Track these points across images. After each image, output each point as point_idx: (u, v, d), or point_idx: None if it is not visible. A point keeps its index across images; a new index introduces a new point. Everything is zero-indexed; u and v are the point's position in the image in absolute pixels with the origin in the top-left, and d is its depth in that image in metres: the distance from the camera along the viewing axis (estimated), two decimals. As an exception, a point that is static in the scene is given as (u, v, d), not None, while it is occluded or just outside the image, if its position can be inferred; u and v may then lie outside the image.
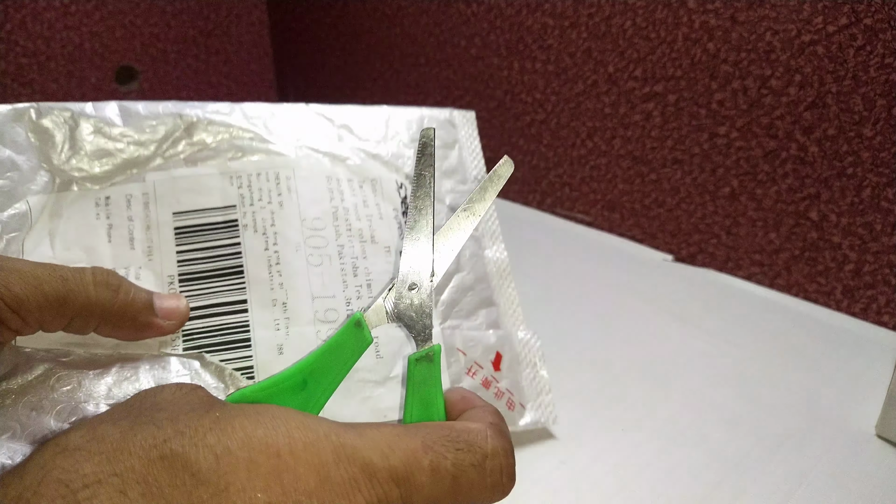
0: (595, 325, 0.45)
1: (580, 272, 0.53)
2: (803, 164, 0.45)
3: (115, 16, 0.75)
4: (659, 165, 0.53)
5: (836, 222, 0.45)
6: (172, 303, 0.25)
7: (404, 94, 0.74)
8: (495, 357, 0.32)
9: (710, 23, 0.47)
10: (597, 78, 0.55)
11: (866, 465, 0.33)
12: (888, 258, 0.43)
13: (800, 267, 0.47)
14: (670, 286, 0.51)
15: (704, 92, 0.49)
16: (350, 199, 0.31)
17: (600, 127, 0.57)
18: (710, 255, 0.52)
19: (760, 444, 0.34)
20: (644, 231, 0.56)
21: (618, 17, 0.52)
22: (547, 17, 0.57)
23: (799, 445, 0.34)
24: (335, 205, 0.30)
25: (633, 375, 0.40)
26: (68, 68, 0.73)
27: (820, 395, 0.38)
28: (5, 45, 0.68)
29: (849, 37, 0.41)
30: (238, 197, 0.29)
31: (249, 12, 0.86)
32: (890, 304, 0.44)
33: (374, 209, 0.31)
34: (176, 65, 0.82)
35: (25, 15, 0.69)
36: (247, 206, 0.29)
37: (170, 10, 0.79)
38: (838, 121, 0.43)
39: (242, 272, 0.27)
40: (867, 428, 0.35)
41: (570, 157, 0.60)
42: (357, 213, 0.30)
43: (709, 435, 0.35)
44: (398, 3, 0.70)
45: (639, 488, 0.31)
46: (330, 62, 0.82)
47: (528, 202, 0.65)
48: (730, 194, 0.50)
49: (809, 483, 0.31)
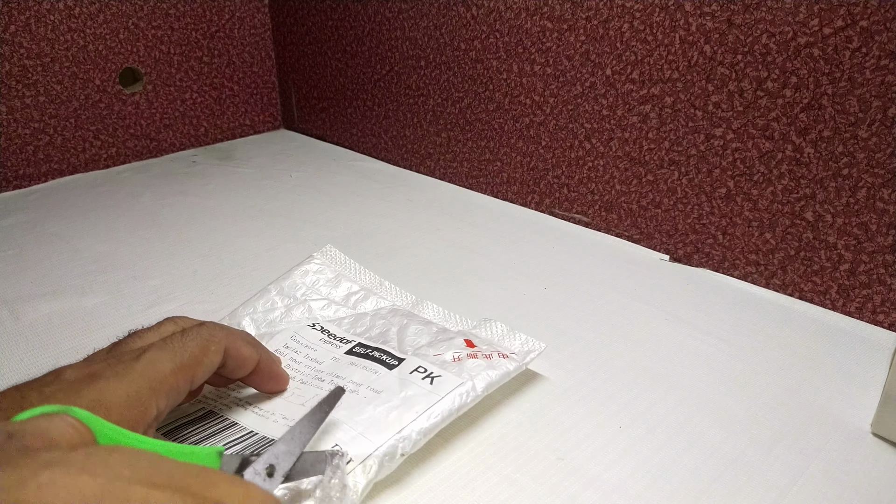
0: (592, 324, 0.46)
1: (578, 272, 0.53)
2: (799, 165, 0.46)
3: (119, 18, 0.76)
4: (656, 167, 0.54)
5: (832, 222, 0.45)
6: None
7: (404, 96, 0.74)
8: (466, 343, 0.37)
9: (706, 26, 0.48)
10: (594, 80, 0.56)
11: (861, 462, 0.33)
12: (883, 258, 0.43)
13: (795, 267, 0.48)
14: (667, 286, 0.51)
15: (701, 94, 0.49)
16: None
17: (598, 129, 0.57)
18: (707, 255, 0.53)
19: (756, 443, 0.34)
20: (641, 231, 0.57)
21: (615, 20, 0.53)
22: (546, 21, 0.58)
23: (794, 443, 0.34)
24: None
25: (630, 374, 0.40)
26: (72, 70, 0.73)
27: (815, 394, 0.38)
28: (9, 46, 0.69)
29: (844, 39, 0.41)
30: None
31: (252, 15, 0.87)
32: (885, 304, 0.44)
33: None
34: (179, 67, 0.82)
35: (30, 17, 0.69)
36: None
37: (173, 12, 0.80)
38: (834, 122, 0.43)
39: None
40: (862, 426, 0.35)
41: (567, 158, 0.60)
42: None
43: (705, 433, 0.35)
44: (399, 7, 0.71)
45: (635, 485, 0.31)
46: (332, 65, 0.83)
47: (527, 203, 0.65)
48: (726, 195, 0.50)
49: (805, 481, 0.32)
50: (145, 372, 0.25)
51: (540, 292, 0.50)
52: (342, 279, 0.45)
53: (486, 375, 0.34)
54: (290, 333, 0.39)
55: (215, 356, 0.29)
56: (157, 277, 0.52)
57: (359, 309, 0.43)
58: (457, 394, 0.33)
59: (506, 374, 0.35)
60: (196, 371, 0.27)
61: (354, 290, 0.44)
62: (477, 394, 0.33)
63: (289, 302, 0.43)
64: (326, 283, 0.45)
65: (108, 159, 0.79)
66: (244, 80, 0.89)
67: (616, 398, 0.38)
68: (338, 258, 0.47)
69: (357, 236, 0.60)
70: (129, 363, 0.25)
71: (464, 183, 0.71)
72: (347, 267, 0.46)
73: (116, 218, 0.64)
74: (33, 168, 0.73)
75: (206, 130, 0.87)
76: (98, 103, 0.77)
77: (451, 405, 0.32)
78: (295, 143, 0.89)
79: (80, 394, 0.23)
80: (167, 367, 0.26)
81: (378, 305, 0.43)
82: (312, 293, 0.44)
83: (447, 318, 0.42)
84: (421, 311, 0.43)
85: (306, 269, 0.45)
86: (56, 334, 0.44)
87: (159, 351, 0.26)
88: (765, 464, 0.33)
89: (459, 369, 0.34)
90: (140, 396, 0.25)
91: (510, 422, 0.36)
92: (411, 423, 0.31)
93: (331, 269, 0.46)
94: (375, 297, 0.44)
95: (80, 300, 0.48)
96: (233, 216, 0.65)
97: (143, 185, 0.74)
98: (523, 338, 0.39)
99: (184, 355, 0.27)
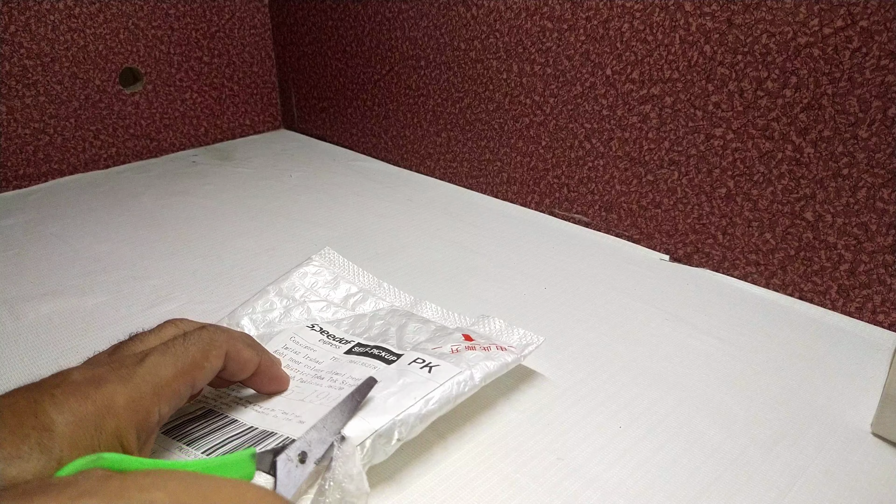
0: (592, 324, 0.46)
1: (578, 272, 0.53)
2: (799, 165, 0.46)
3: (119, 18, 0.76)
4: (656, 167, 0.54)
5: (832, 223, 0.45)
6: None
7: (404, 96, 0.74)
8: (465, 338, 0.37)
9: (706, 26, 0.47)
10: (594, 80, 0.56)
11: (861, 462, 0.33)
12: (883, 258, 0.43)
13: (795, 267, 0.48)
14: (667, 286, 0.51)
15: (701, 94, 0.49)
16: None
17: (598, 129, 0.57)
18: (707, 255, 0.53)
19: (756, 443, 0.34)
20: (641, 231, 0.57)
21: (615, 20, 0.53)
22: (546, 21, 0.58)
23: (794, 443, 0.34)
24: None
25: (630, 374, 0.40)
26: (72, 70, 0.73)
27: (815, 394, 0.38)
28: (10, 46, 0.69)
29: (844, 39, 0.41)
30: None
31: (252, 15, 0.87)
32: (885, 304, 0.44)
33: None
34: (179, 67, 0.82)
35: (30, 17, 0.69)
36: None
37: (173, 12, 0.80)
38: (834, 122, 0.43)
39: None
40: (862, 426, 0.35)
41: (567, 158, 0.60)
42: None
43: (705, 433, 0.35)
44: (399, 7, 0.71)
45: (635, 485, 0.31)
46: (332, 65, 0.83)
47: (527, 203, 0.65)
48: (726, 195, 0.50)
49: (805, 481, 0.32)
50: (148, 376, 0.25)
51: (540, 292, 0.50)
52: (340, 281, 0.45)
53: (485, 366, 0.34)
54: (289, 335, 0.39)
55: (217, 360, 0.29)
56: (157, 277, 0.52)
57: (357, 310, 0.43)
58: (454, 382, 0.33)
59: (504, 364, 0.35)
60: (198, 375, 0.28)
61: (353, 292, 0.45)
62: (475, 383, 0.33)
63: (287, 303, 0.43)
64: (325, 284, 0.45)
65: (107, 159, 0.79)
66: (244, 80, 0.89)
67: (616, 398, 0.38)
68: (336, 260, 0.47)
69: (357, 236, 0.60)
70: (132, 367, 0.26)
71: (464, 183, 0.71)
72: (346, 269, 0.47)
73: (116, 218, 0.64)
74: (33, 168, 0.73)
75: (206, 130, 0.87)
76: (98, 103, 0.77)
77: (448, 392, 0.32)
78: (295, 143, 0.89)
79: (88, 396, 0.23)
80: (169, 371, 0.26)
81: (377, 307, 0.44)
82: (311, 295, 0.44)
83: (446, 316, 0.43)
84: (420, 310, 0.43)
85: (305, 270, 0.45)
86: (56, 334, 0.44)
87: (161, 355, 0.27)
88: (765, 464, 0.33)
89: (458, 359, 0.34)
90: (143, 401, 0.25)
91: (510, 422, 0.36)
92: (409, 409, 0.31)
93: (329, 272, 0.46)
94: (374, 299, 0.44)
95: (80, 300, 0.48)
96: (233, 216, 0.65)
97: (143, 185, 0.74)
98: (521, 332, 0.39)
99: (186, 360, 0.27)
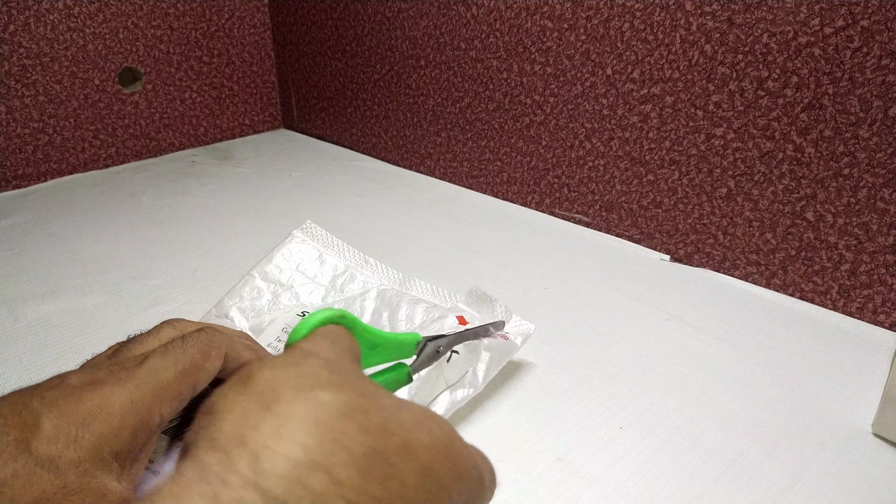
0: (592, 324, 0.46)
1: (578, 272, 0.53)
2: (800, 164, 0.45)
3: (119, 18, 0.76)
4: (656, 166, 0.54)
5: (833, 222, 0.45)
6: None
7: (404, 96, 0.74)
8: (458, 320, 0.38)
9: (707, 25, 0.47)
10: (595, 80, 0.56)
11: (862, 462, 0.33)
12: (884, 258, 0.43)
13: (796, 267, 0.48)
14: (667, 286, 0.51)
15: (702, 94, 0.49)
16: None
17: (598, 128, 0.57)
18: (707, 255, 0.53)
19: (756, 443, 0.34)
20: (641, 231, 0.57)
21: (616, 19, 0.53)
22: (546, 20, 0.58)
23: (795, 443, 0.34)
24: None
25: (631, 374, 0.40)
26: (72, 70, 0.73)
27: (816, 394, 0.38)
28: (9, 46, 0.69)
29: (845, 38, 0.41)
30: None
31: (252, 14, 0.87)
32: (886, 304, 0.44)
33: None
34: (179, 66, 0.82)
35: (29, 16, 0.69)
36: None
37: (172, 12, 0.80)
38: (835, 122, 0.43)
39: None
40: (863, 426, 0.35)
41: (568, 158, 0.60)
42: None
43: (705, 433, 0.35)
44: (399, 6, 0.71)
45: (636, 485, 0.31)
46: (331, 64, 0.83)
47: (527, 203, 0.65)
48: (726, 195, 0.50)
49: (805, 481, 0.32)
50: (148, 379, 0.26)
51: (540, 292, 0.50)
52: (325, 257, 0.44)
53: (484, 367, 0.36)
54: (280, 325, 0.39)
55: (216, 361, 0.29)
56: (156, 277, 0.52)
57: (346, 292, 0.43)
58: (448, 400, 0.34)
59: (499, 361, 0.37)
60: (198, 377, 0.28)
61: (340, 271, 0.44)
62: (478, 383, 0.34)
63: (275, 288, 0.42)
64: (311, 262, 0.44)
65: (107, 159, 0.79)
66: (244, 79, 0.89)
67: (616, 398, 0.38)
68: (319, 235, 0.46)
69: (357, 236, 0.60)
70: (131, 370, 0.26)
71: (464, 183, 0.71)
72: (329, 244, 0.46)
73: (116, 218, 0.64)
74: (33, 168, 0.73)
75: (206, 130, 0.87)
76: (97, 103, 0.76)
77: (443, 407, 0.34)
78: (295, 143, 0.89)
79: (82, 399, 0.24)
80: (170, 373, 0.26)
81: (365, 287, 0.43)
82: (297, 276, 0.43)
83: (436, 293, 0.42)
84: (409, 288, 0.43)
85: (289, 249, 0.44)
86: (56, 334, 0.44)
87: (161, 358, 0.27)
88: (765, 464, 0.33)
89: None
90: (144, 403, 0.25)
91: (510, 422, 0.35)
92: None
93: (313, 247, 0.45)
94: (362, 278, 0.43)
95: (80, 300, 0.48)
96: (232, 216, 0.65)
97: (142, 185, 0.74)
98: (519, 319, 0.40)
99: (186, 361, 0.27)
